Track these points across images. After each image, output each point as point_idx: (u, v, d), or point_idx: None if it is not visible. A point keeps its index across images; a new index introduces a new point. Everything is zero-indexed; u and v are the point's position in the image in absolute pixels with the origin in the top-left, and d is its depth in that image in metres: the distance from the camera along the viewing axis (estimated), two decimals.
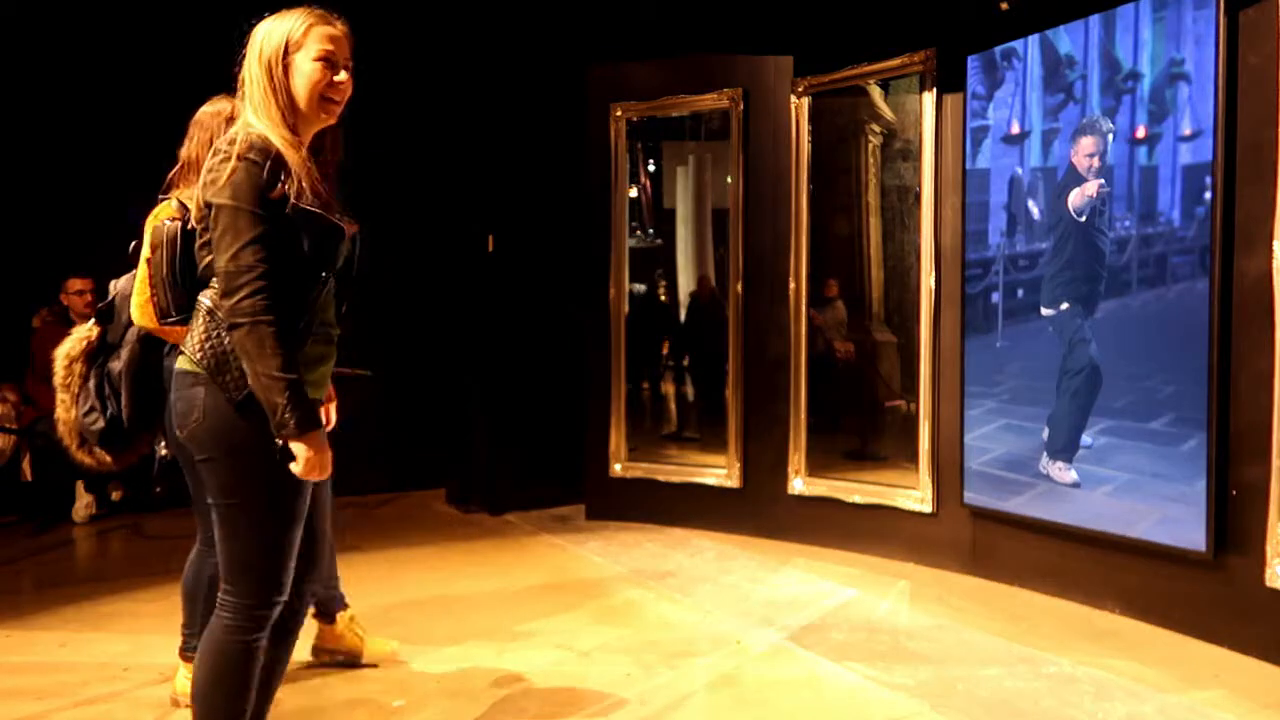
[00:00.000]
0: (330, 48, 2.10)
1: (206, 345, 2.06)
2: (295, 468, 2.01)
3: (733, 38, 5.19)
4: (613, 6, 5.56)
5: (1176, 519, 3.57)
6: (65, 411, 2.77)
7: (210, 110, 2.92)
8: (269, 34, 2.09)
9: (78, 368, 2.82)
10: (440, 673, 3.31)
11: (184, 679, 3.01)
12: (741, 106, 5.16)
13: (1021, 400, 4.23)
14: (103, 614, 4.00)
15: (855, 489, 4.86)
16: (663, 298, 7.17)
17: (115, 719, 3.01)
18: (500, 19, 6.04)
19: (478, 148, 6.17)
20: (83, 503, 5.66)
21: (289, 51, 2.08)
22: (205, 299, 2.09)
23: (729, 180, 5.31)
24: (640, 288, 6.85)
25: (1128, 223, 3.82)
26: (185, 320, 2.17)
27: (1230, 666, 3.34)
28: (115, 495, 5.84)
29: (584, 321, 5.65)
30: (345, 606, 3.35)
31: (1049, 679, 3.25)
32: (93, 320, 2.85)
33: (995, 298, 4.33)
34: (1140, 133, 3.77)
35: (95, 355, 2.83)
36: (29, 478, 5.76)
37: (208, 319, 2.07)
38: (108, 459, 2.85)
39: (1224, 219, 3.44)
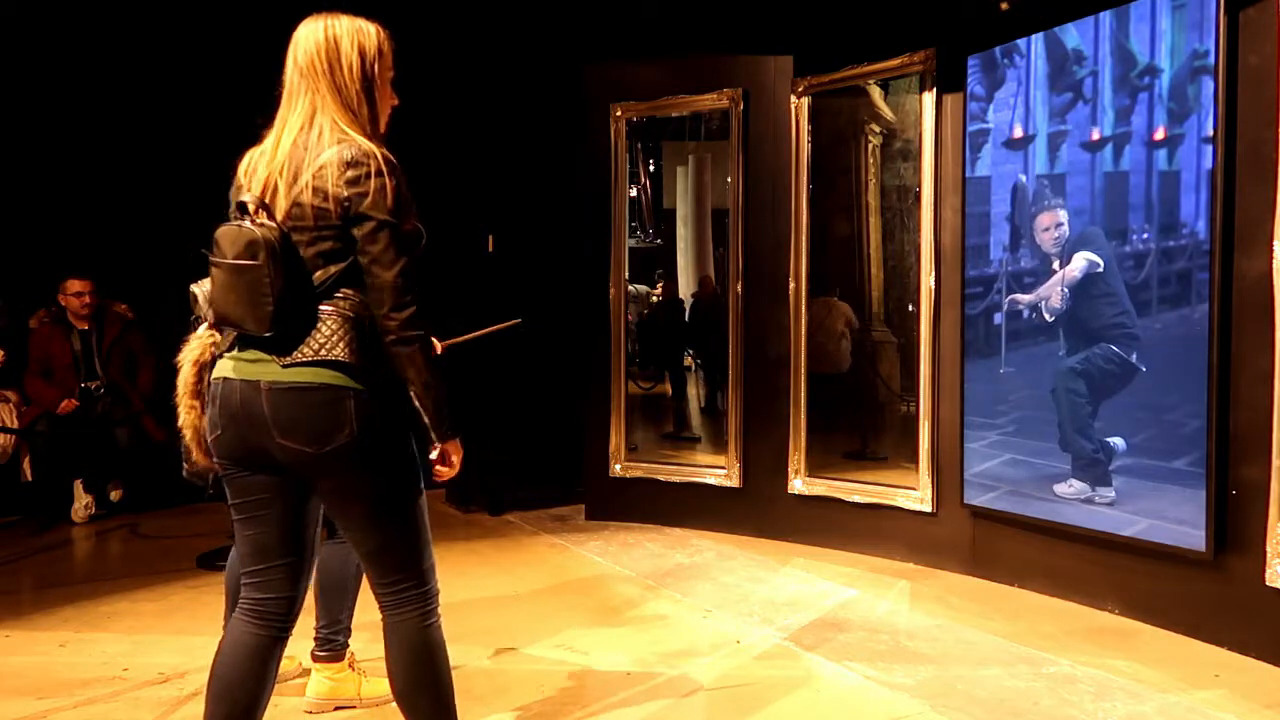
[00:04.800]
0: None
1: (360, 356, 2.04)
2: (444, 469, 2.18)
3: (733, 38, 5.19)
4: (613, 6, 5.56)
5: (1176, 519, 3.57)
6: (193, 419, 2.72)
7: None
8: (364, 38, 2.13)
9: (206, 374, 2.85)
10: None
11: (324, 680, 3.01)
12: (741, 106, 5.16)
13: (1030, 433, 4.10)
14: (103, 614, 4.00)
15: (855, 489, 4.85)
16: (661, 297, 7.18)
17: (115, 719, 3.01)
18: (500, 19, 6.04)
19: (478, 148, 6.18)
20: (82, 503, 5.66)
21: (383, 65, 2.16)
22: (344, 309, 2.05)
23: (729, 180, 5.31)
24: (641, 288, 6.85)
25: (1146, 235, 3.65)
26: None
27: (1230, 666, 3.34)
28: (114, 495, 5.84)
29: (584, 322, 5.65)
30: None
31: (1049, 679, 3.25)
32: (206, 325, 2.87)
33: (998, 319, 4.21)
34: (1159, 134, 3.60)
35: (217, 361, 2.87)
36: (29, 478, 5.76)
37: (353, 329, 2.05)
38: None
39: (1224, 219, 3.42)
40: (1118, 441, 3.79)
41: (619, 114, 5.50)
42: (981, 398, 4.33)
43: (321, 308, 2.05)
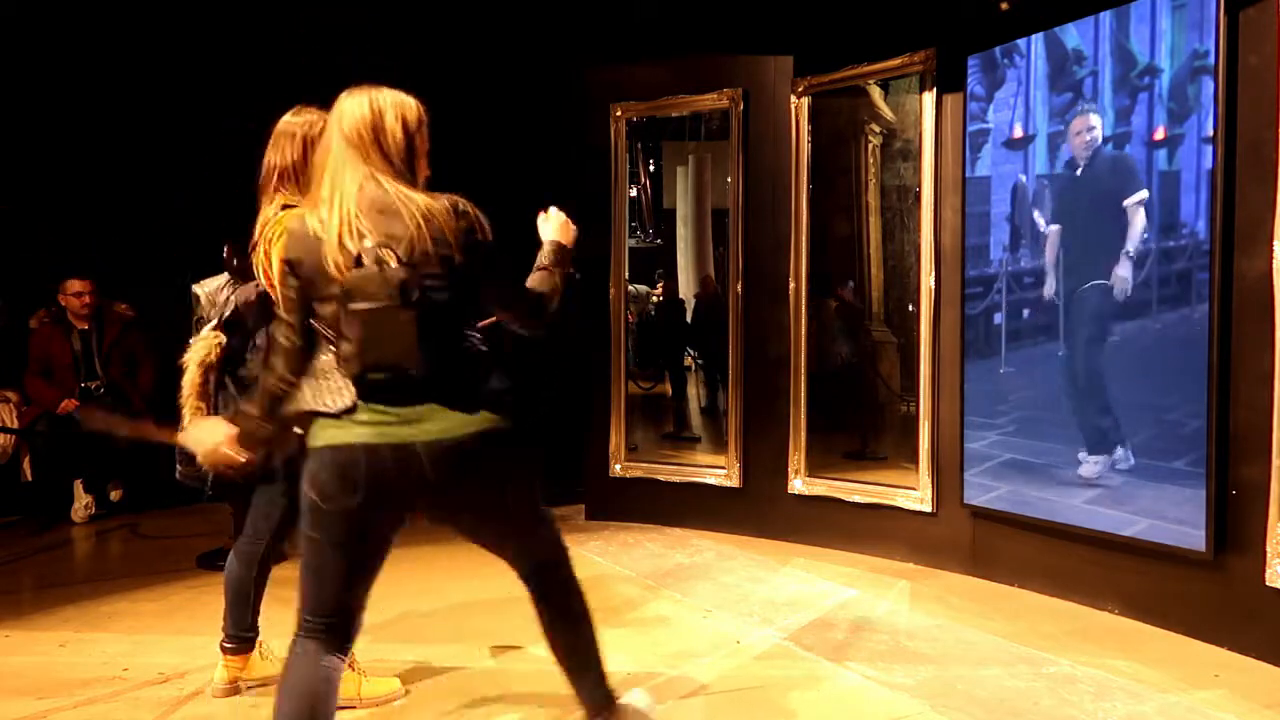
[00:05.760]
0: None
1: (503, 380, 2.24)
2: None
3: (733, 38, 5.19)
4: (613, 6, 5.56)
5: (1176, 519, 3.57)
6: (197, 417, 2.81)
7: (299, 120, 2.96)
8: (407, 111, 2.26)
9: (213, 375, 2.89)
10: (440, 672, 3.30)
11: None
12: (741, 106, 5.16)
13: (1029, 433, 4.10)
14: (103, 614, 4.00)
15: (855, 489, 4.85)
16: (661, 297, 7.17)
17: (115, 719, 3.01)
18: (500, 19, 6.04)
19: (478, 148, 6.17)
20: (81, 503, 5.66)
21: (422, 137, 2.28)
22: (477, 342, 2.25)
23: (729, 180, 5.31)
24: (641, 288, 6.85)
25: (1146, 235, 3.65)
26: None
27: (1230, 666, 3.33)
28: (114, 495, 5.84)
29: (584, 321, 5.64)
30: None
31: (1049, 679, 3.25)
32: (213, 324, 2.89)
33: (998, 319, 4.21)
34: (1159, 134, 3.59)
35: (226, 363, 2.91)
36: (29, 478, 5.76)
37: (489, 359, 2.26)
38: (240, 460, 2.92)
39: (1224, 219, 3.42)
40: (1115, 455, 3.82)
41: (619, 114, 5.50)
42: (981, 397, 4.33)
43: (454, 344, 2.18)
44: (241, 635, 3.13)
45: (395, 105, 2.24)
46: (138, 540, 5.38)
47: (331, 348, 2.16)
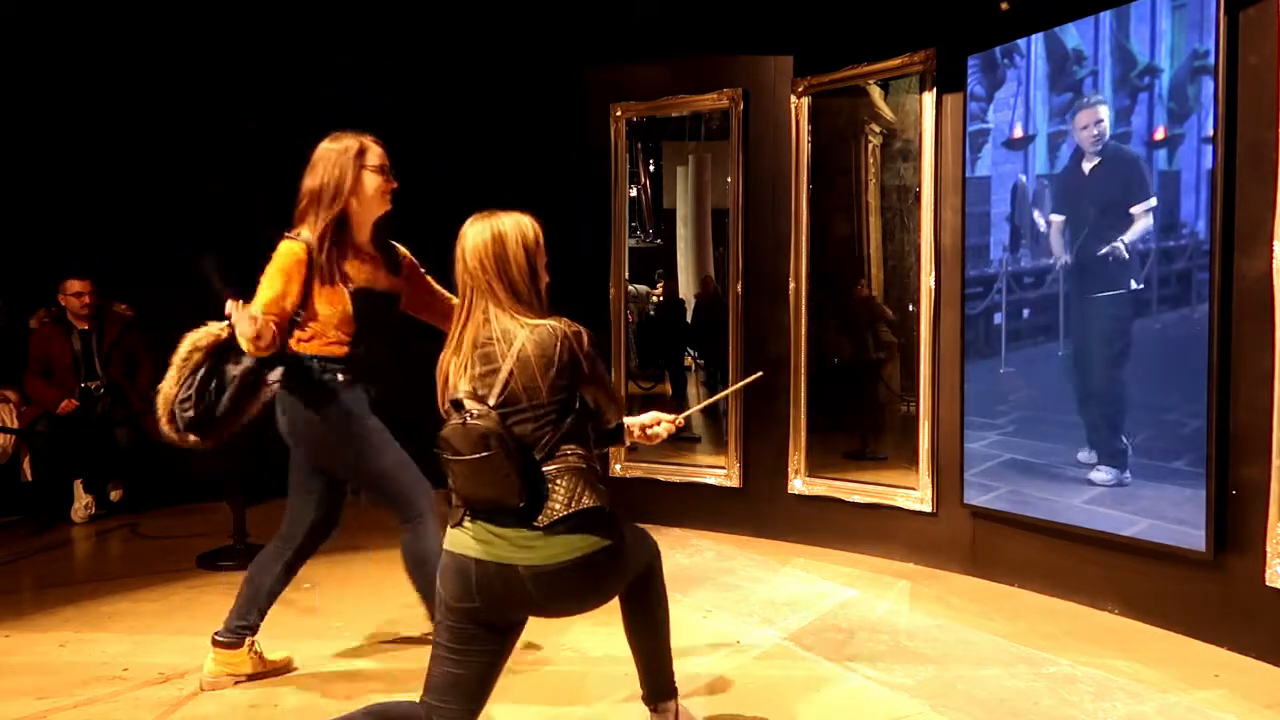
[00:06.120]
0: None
1: (599, 496, 2.36)
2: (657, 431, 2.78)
3: (733, 38, 5.19)
4: (613, 6, 5.56)
5: (1176, 519, 3.57)
6: (169, 388, 3.03)
7: (336, 147, 3.03)
8: (524, 231, 2.41)
9: (196, 356, 3.02)
10: None
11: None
12: (741, 106, 5.15)
13: (1030, 433, 4.11)
14: (103, 614, 4.00)
15: (855, 489, 4.85)
16: (661, 297, 7.17)
17: (115, 719, 3.01)
18: (500, 19, 6.04)
19: (478, 148, 6.17)
20: (81, 503, 5.66)
21: (540, 254, 2.43)
22: (572, 463, 2.34)
23: (729, 180, 5.31)
24: (641, 288, 6.85)
25: (1146, 235, 3.65)
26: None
27: (1230, 666, 3.34)
28: (114, 495, 5.84)
29: (584, 321, 5.64)
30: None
31: (1049, 679, 3.25)
32: (225, 322, 2.95)
33: (998, 319, 4.21)
34: (1159, 134, 3.59)
35: (217, 352, 3.02)
36: (29, 478, 5.76)
37: (585, 477, 2.34)
38: (191, 439, 3.07)
39: (1224, 219, 3.42)
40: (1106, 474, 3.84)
41: (619, 114, 5.50)
42: (981, 398, 4.33)
43: (551, 468, 2.28)
44: (239, 627, 3.17)
45: (514, 230, 2.37)
46: (138, 540, 5.38)
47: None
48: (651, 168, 7.13)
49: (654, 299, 7.22)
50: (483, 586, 2.25)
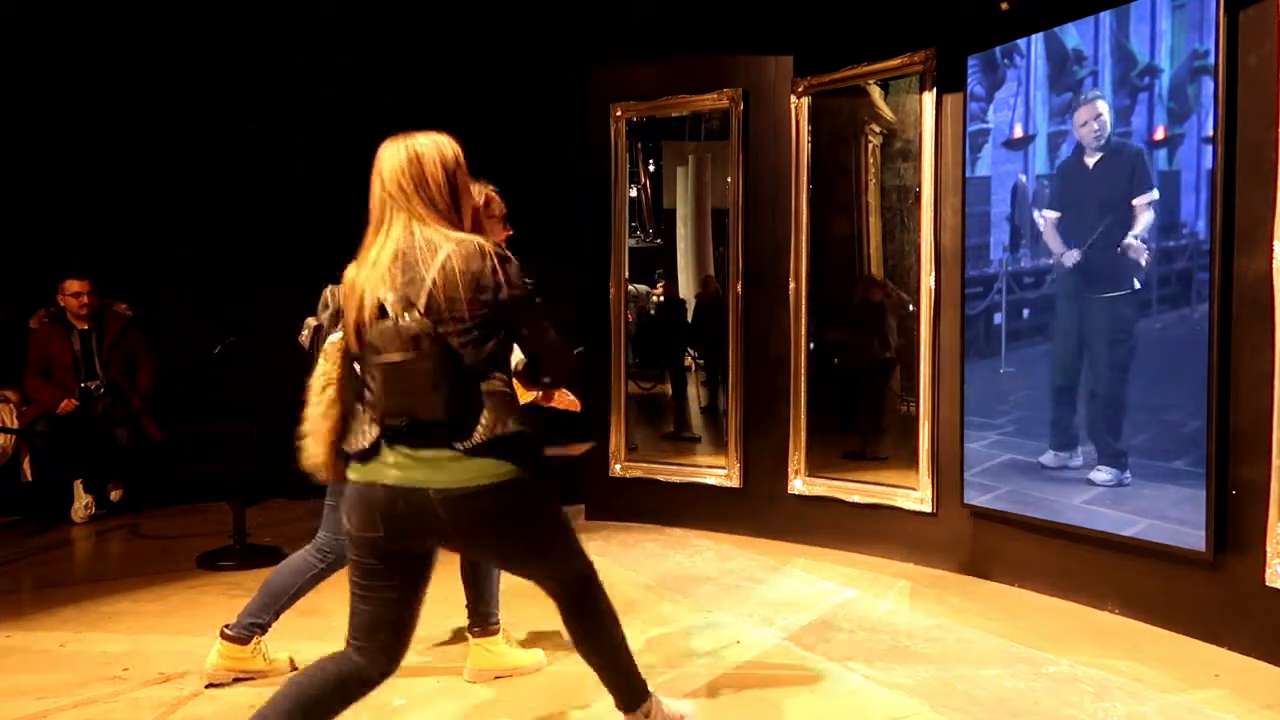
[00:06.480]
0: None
1: (525, 424, 2.24)
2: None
3: (733, 38, 5.19)
4: (613, 6, 5.56)
5: (1176, 519, 3.57)
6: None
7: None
8: (443, 151, 2.31)
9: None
10: (441, 672, 3.30)
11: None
12: (741, 106, 5.15)
13: (1030, 433, 4.10)
14: (103, 614, 4.00)
15: (855, 489, 4.85)
16: (661, 297, 7.18)
17: (115, 719, 3.01)
18: (501, 19, 6.04)
19: (478, 148, 6.17)
20: (82, 503, 5.66)
21: (462, 173, 2.33)
22: (499, 387, 2.24)
23: (729, 180, 5.31)
24: (641, 288, 6.86)
25: (1146, 235, 3.65)
26: None
27: (1230, 666, 3.34)
28: (114, 495, 5.84)
29: (584, 322, 5.64)
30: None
31: (1049, 679, 3.25)
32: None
33: (998, 319, 4.21)
34: (1159, 134, 3.59)
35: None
36: (29, 478, 5.76)
37: (510, 403, 2.25)
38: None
39: (1224, 219, 3.42)
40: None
41: (619, 114, 5.50)
42: (981, 398, 4.33)
43: (480, 388, 2.21)
44: (251, 624, 3.17)
45: (431, 149, 2.29)
46: (138, 540, 5.38)
47: (365, 392, 2.24)
48: (651, 168, 7.13)
49: (654, 299, 7.23)
50: (388, 515, 2.18)
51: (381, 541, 2.21)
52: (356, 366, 2.28)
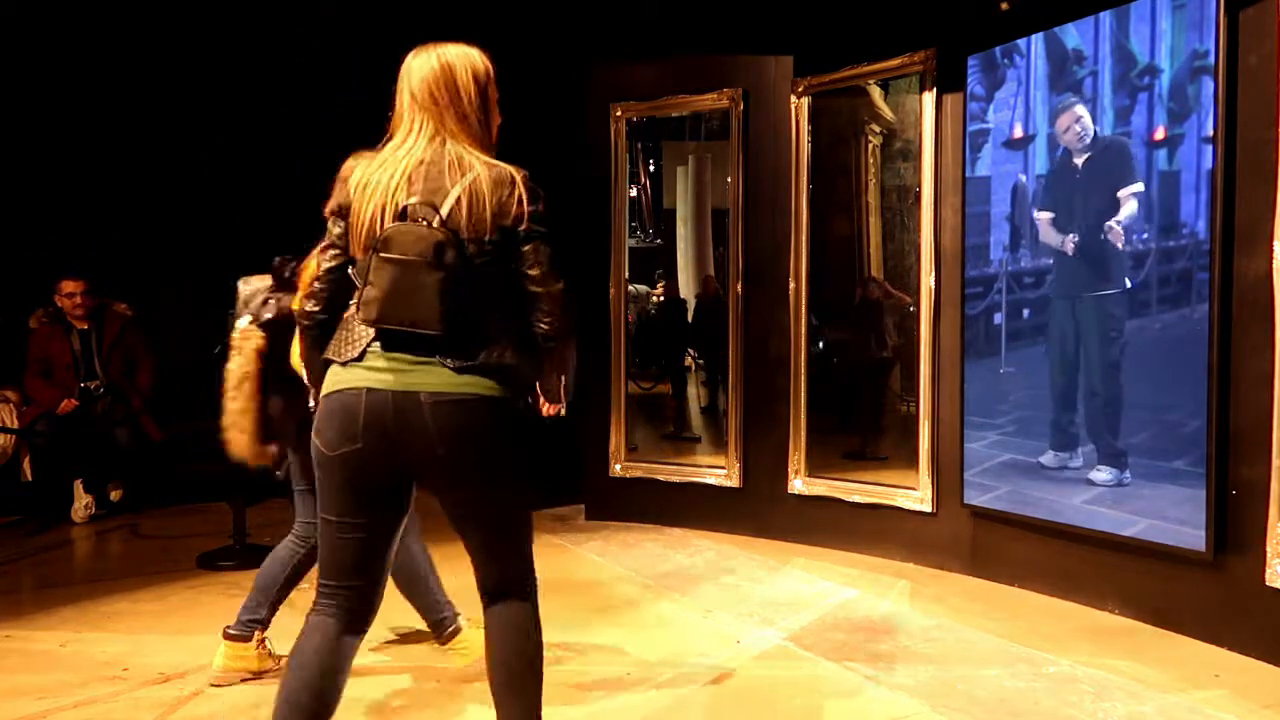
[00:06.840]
0: None
1: (521, 360, 2.15)
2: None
3: (733, 38, 5.19)
4: (613, 6, 5.56)
5: (1176, 519, 3.57)
6: (256, 406, 2.94)
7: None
8: (474, 63, 2.22)
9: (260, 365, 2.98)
10: (440, 672, 3.30)
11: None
12: (741, 106, 5.15)
13: (1030, 433, 4.10)
14: (103, 614, 4.00)
15: (855, 489, 4.85)
16: (661, 297, 7.18)
17: (115, 719, 3.01)
18: (501, 19, 6.04)
19: None
20: (81, 503, 5.66)
21: (492, 87, 2.23)
22: (507, 316, 2.15)
23: (729, 180, 5.31)
24: (641, 288, 6.86)
25: (1146, 235, 3.66)
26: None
27: (1230, 666, 3.34)
28: (114, 495, 5.84)
29: (584, 322, 5.64)
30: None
31: (1049, 679, 3.25)
32: (249, 320, 2.95)
33: (998, 319, 4.21)
34: (1159, 134, 3.59)
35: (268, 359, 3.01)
36: (29, 478, 5.76)
37: (518, 335, 2.15)
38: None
39: (1224, 219, 3.42)
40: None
41: (619, 114, 5.50)
42: (981, 398, 4.33)
43: (486, 315, 2.12)
44: (249, 621, 3.17)
45: (463, 60, 2.22)
46: (138, 540, 5.38)
47: (358, 295, 2.11)
48: (651, 168, 7.14)
49: (654, 299, 7.23)
50: (371, 421, 2.06)
51: (354, 457, 2.08)
52: (351, 271, 2.16)
